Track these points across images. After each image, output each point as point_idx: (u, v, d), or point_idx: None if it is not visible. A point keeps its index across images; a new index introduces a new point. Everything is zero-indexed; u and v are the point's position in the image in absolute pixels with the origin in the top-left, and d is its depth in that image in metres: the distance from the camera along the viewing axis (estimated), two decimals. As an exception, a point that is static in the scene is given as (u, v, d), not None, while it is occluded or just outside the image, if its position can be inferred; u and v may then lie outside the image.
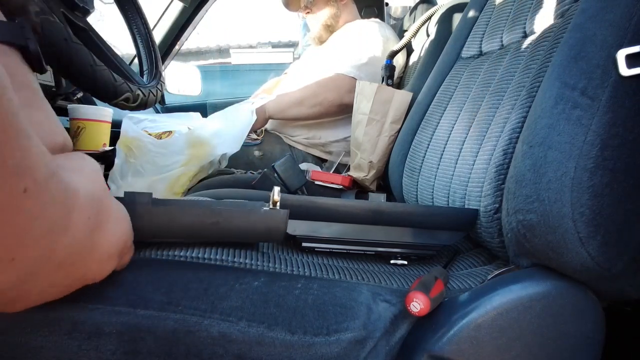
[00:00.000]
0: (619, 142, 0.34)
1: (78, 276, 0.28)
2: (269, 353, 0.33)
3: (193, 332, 0.33)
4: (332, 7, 1.42)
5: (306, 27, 2.48)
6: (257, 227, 0.36)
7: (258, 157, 1.32)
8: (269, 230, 0.37)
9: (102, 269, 0.31)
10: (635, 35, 0.35)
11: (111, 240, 0.30)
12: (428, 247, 0.51)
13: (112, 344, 0.31)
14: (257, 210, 0.36)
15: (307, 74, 1.39)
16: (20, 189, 0.19)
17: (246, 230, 0.36)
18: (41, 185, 0.20)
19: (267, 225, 0.37)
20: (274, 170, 0.90)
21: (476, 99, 0.65)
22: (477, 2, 0.79)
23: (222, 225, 0.35)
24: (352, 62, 1.26)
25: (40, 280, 0.24)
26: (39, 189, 0.20)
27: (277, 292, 0.36)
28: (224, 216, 0.35)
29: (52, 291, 0.27)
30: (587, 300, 0.37)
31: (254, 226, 0.36)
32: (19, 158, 0.19)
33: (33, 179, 0.19)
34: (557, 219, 0.36)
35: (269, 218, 0.36)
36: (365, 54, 1.28)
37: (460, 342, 0.36)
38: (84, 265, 0.28)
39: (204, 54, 6.46)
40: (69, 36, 0.51)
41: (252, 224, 0.36)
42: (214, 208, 0.35)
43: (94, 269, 0.30)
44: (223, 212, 0.35)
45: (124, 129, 1.05)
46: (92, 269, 0.29)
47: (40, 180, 0.20)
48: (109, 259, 0.31)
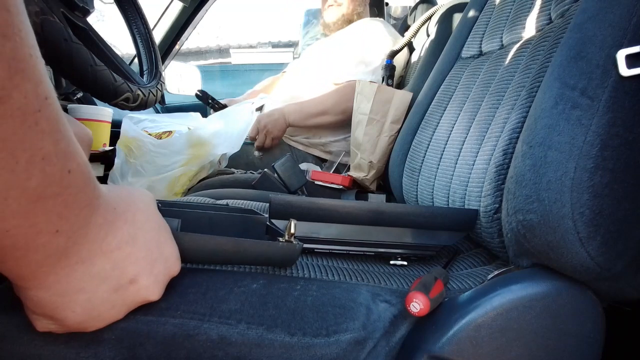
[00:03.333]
0: (619, 142, 0.34)
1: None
2: (269, 355, 0.33)
3: (192, 336, 0.32)
4: (360, 5, 1.43)
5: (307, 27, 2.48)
6: (272, 257, 0.39)
7: (258, 157, 1.32)
8: (282, 261, 0.40)
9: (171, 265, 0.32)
10: (635, 35, 0.35)
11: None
12: (428, 247, 0.51)
13: (111, 351, 0.31)
14: (275, 244, 0.39)
15: (311, 71, 1.39)
16: (66, 170, 0.22)
17: (262, 259, 0.39)
18: (82, 168, 0.24)
19: (282, 255, 0.39)
20: (274, 170, 0.90)
21: (476, 99, 0.65)
22: (477, 2, 0.79)
23: (241, 255, 0.38)
24: (365, 66, 1.26)
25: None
26: (80, 170, 0.24)
27: (276, 294, 0.36)
28: (245, 247, 0.37)
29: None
30: (587, 300, 0.37)
31: (271, 257, 0.39)
32: (65, 144, 0.22)
33: (77, 162, 0.23)
34: (557, 219, 0.36)
35: (284, 250, 0.39)
36: (377, 56, 1.28)
37: (460, 343, 0.36)
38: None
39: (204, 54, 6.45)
40: (68, 36, 0.51)
41: (269, 255, 0.39)
42: (238, 241, 0.37)
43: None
44: (245, 244, 0.37)
45: (124, 129, 1.05)
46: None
47: (81, 164, 0.24)
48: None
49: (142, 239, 0.29)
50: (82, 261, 0.26)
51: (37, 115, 0.20)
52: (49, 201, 0.22)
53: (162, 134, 1.12)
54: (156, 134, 1.12)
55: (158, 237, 0.31)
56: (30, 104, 0.20)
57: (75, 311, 0.27)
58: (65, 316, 0.27)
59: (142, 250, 0.29)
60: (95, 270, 0.26)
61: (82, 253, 0.26)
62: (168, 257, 0.32)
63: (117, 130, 1.06)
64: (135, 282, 0.29)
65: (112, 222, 0.27)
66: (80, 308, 0.27)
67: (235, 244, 0.37)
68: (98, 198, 0.26)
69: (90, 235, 0.26)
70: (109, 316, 0.29)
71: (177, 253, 0.33)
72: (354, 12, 1.44)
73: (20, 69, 0.19)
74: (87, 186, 0.25)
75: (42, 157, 0.21)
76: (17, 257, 0.23)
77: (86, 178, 0.24)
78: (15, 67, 0.19)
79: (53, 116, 0.21)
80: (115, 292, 0.28)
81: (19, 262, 0.23)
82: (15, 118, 0.19)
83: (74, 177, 0.23)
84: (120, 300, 0.29)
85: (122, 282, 0.28)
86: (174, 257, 0.33)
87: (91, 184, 0.25)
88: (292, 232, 0.39)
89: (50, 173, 0.22)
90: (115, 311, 0.29)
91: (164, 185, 1.03)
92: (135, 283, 0.29)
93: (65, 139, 0.22)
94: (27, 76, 0.19)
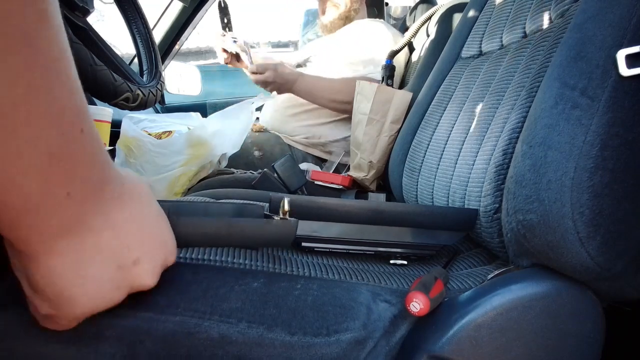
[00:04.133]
0: (619, 142, 0.34)
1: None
2: (269, 354, 0.33)
3: (193, 334, 0.32)
4: (356, 1, 1.43)
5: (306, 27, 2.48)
6: (269, 236, 0.39)
7: (258, 157, 1.32)
8: (279, 238, 0.39)
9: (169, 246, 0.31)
10: (635, 35, 0.35)
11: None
12: (428, 247, 0.51)
13: (112, 348, 0.31)
14: (270, 221, 0.38)
15: (311, 71, 1.38)
16: (79, 129, 0.22)
17: (258, 239, 0.39)
18: (93, 130, 0.24)
19: (279, 234, 0.39)
20: (274, 170, 0.90)
21: (476, 99, 0.65)
22: (477, 2, 0.79)
23: (236, 236, 0.37)
24: (374, 66, 1.26)
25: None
26: (92, 133, 0.24)
27: (277, 293, 0.36)
28: (240, 227, 0.37)
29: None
30: (587, 300, 0.37)
31: (267, 236, 0.38)
32: (79, 100, 0.22)
33: (89, 124, 0.23)
34: (557, 219, 0.36)
35: (280, 228, 0.38)
36: (384, 56, 1.28)
37: (460, 342, 0.36)
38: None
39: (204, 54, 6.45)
40: (68, 36, 0.51)
41: (265, 234, 0.38)
42: (232, 221, 0.37)
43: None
44: (240, 224, 0.37)
45: (123, 129, 1.05)
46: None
47: (93, 126, 0.24)
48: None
49: (147, 221, 0.29)
50: (92, 231, 0.25)
51: (57, 64, 0.20)
52: (62, 161, 0.22)
53: (161, 134, 1.12)
54: (156, 133, 1.12)
55: (159, 222, 0.31)
56: (52, 50, 0.19)
57: (85, 287, 0.26)
58: (74, 294, 0.25)
59: (146, 232, 0.29)
60: (104, 243, 0.26)
61: (93, 223, 0.25)
62: (167, 244, 0.31)
63: (117, 130, 1.05)
64: (138, 263, 0.28)
65: (120, 196, 0.27)
66: (90, 284, 0.26)
67: (229, 224, 0.37)
68: (109, 169, 0.26)
69: (99, 206, 0.25)
70: (111, 297, 0.28)
71: (174, 243, 0.32)
72: (351, 9, 1.44)
73: (43, 11, 0.19)
74: (99, 152, 0.24)
75: (58, 111, 0.21)
76: (28, 220, 0.22)
77: (97, 143, 0.24)
78: (39, 9, 0.18)
79: (70, 68, 0.21)
80: (119, 270, 0.27)
81: (30, 225, 0.23)
82: (39, 64, 0.19)
83: (86, 138, 0.23)
84: (122, 280, 0.28)
85: (127, 261, 0.27)
86: (172, 246, 0.32)
87: (103, 152, 0.25)
88: (286, 210, 0.39)
89: (66, 130, 0.21)
90: (119, 292, 0.28)
91: (163, 185, 1.03)
92: (137, 264, 0.28)
93: (78, 93, 0.22)
94: (49, 22, 0.19)
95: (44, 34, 0.19)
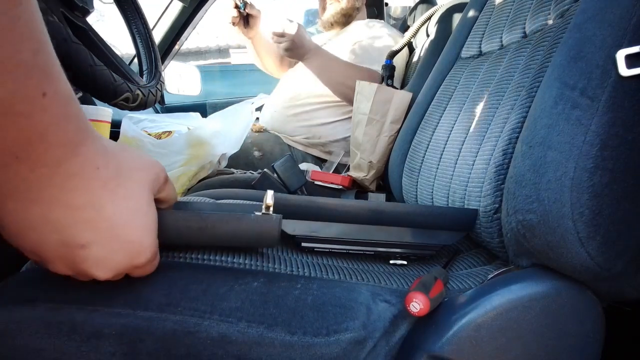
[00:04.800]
0: (619, 142, 0.34)
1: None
2: (269, 354, 0.33)
3: (192, 333, 0.32)
4: (357, 0, 1.42)
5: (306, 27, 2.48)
6: (248, 233, 0.35)
7: (258, 157, 1.32)
8: (260, 236, 0.35)
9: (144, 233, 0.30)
10: (635, 35, 0.35)
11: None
12: (428, 247, 0.51)
13: (112, 346, 0.31)
14: (247, 216, 0.34)
15: None
16: (41, 91, 0.21)
17: (236, 236, 0.35)
18: (61, 99, 0.23)
19: (259, 231, 0.35)
20: (274, 170, 0.90)
21: (476, 99, 0.65)
22: (477, 2, 0.79)
23: (209, 231, 0.34)
24: (379, 64, 1.26)
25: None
26: (59, 101, 0.22)
27: (277, 293, 0.36)
28: (211, 221, 0.34)
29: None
30: (586, 300, 0.37)
31: (245, 232, 0.35)
32: (44, 61, 0.21)
33: (54, 89, 0.22)
34: (556, 219, 0.36)
35: (260, 224, 0.35)
36: (382, 54, 1.28)
37: (460, 342, 0.36)
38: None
39: (203, 54, 6.45)
40: (68, 36, 0.51)
41: (242, 230, 0.34)
42: (201, 214, 0.33)
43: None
44: (210, 218, 0.33)
45: (123, 129, 1.05)
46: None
47: (61, 94, 0.23)
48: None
49: (111, 212, 0.27)
50: (41, 202, 0.25)
51: (18, 10, 0.19)
52: (14, 119, 0.21)
53: (161, 134, 1.12)
54: (156, 134, 1.12)
55: (131, 218, 0.29)
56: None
57: (25, 244, 0.27)
58: (17, 243, 0.27)
59: (105, 221, 0.27)
60: (51, 217, 0.26)
61: (44, 194, 0.25)
62: (133, 241, 0.29)
63: (117, 130, 1.05)
64: (85, 248, 0.27)
65: (87, 179, 0.26)
66: (29, 245, 0.27)
67: (200, 219, 0.33)
68: (79, 146, 0.25)
69: (54, 180, 0.25)
70: (53, 266, 0.28)
71: (149, 245, 0.31)
72: (353, 7, 1.43)
73: None
74: (65, 123, 0.23)
75: (16, 64, 0.20)
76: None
77: (66, 114, 0.23)
78: None
79: (35, 23, 0.20)
80: (64, 246, 0.27)
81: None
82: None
83: (48, 103, 0.22)
84: (67, 256, 0.28)
85: (73, 242, 0.27)
86: (142, 246, 0.30)
87: (72, 125, 0.24)
88: (269, 204, 0.35)
89: (23, 86, 0.20)
90: (61, 265, 0.28)
91: (163, 185, 1.02)
92: (84, 249, 0.27)
93: (46, 54, 0.21)
94: None
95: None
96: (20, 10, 0.20)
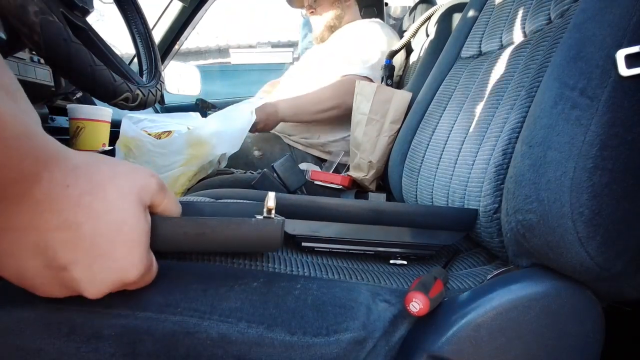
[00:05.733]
0: (618, 142, 0.34)
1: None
2: (269, 354, 0.33)
3: (192, 333, 0.32)
4: (337, 8, 1.43)
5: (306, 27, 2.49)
6: (249, 238, 0.33)
7: (258, 157, 1.32)
8: (262, 241, 0.34)
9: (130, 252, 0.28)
10: (635, 35, 0.35)
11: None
12: (428, 247, 0.51)
13: (111, 347, 0.31)
14: (247, 221, 0.32)
15: (309, 74, 1.39)
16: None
17: (237, 242, 0.33)
18: (10, 142, 0.22)
19: (261, 235, 0.33)
20: (274, 170, 0.90)
21: (475, 99, 0.65)
22: (477, 2, 0.79)
23: (209, 236, 0.32)
24: (363, 63, 1.26)
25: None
26: (7, 145, 0.22)
27: (277, 293, 0.36)
28: (210, 227, 0.32)
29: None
30: (586, 300, 0.37)
31: (246, 238, 0.33)
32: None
33: (4, 136, 0.21)
34: (556, 219, 0.36)
35: (262, 228, 0.33)
36: (374, 53, 1.28)
37: (459, 342, 0.36)
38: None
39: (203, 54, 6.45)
40: (68, 36, 0.51)
41: (243, 235, 0.33)
42: (198, 219, 0.32)
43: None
44: (209, 223, 0.32)
45: (123, 129, 1.05)
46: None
47: (11, 137, 0.22)
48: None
49: (90, 229, 0.26)
50: (14, 229, 0.25)
51: None
52: None
53: (161, 134, 1.12)
54: (155, 133, 1.12)
55: (115, 234, 0.27)
56: None
57: (8, 272, 0.26)
58: (3, 274, 0.26)
59: (84, 240, 0.26)
60: (28, 242, 0.25)
61: (14, 222, 0.24)
62: (119, 259, 0.28)
63: (117, 130, 1.05)
64: (67, 270, 0.26)
65: (56, 200, 0.25)
66: (10, 272, 0.26)
67: (197, 224, 0.31)
68: (43, 172, 0.24)
69: (23, 207, 0.24)
70: (43, 290, 0.27)
71: (138, 262, 0.29)
72: (336, 18, 1.43)
73: None
74: (20, 161, 0.22)
75: None
76: None
77: (19, 153, 0.22)
78: None
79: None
80: (47, 269, 0.26)
81: None
82: None
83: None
84: (53, 279, 0.27)
85: (54, 264, 0.26)
86: (130, 263, 0.28)
87: (28, 159, 0.23)
88: (271, 206, 0.34)
89: None
90: (50, 287, 0.27)
91: (163, 185, 1.02)
92: (67, 271, 0.26)
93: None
94: None
95: None
96: None
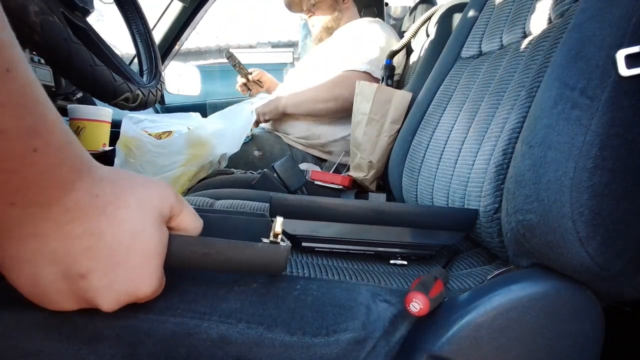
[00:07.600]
0: (618, 142, 0.34)
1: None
2: (268, 354, 0.33)
3: (192, 334, 0.32)
4: (335, 10, 1.43)
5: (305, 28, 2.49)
6: (253, 262, 0.33)
7: (258, 157, 1.32)
8: (266, 266, 0.34)
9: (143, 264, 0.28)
10: (635, 35, 0.35)
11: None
12: (428, 247, 0.51)
13: (112, 348, 0.31)
14: (254, 245, 0.33)
15: (308, 75, 1.39)
16: (31, 148, 0.22)
17: (241, 264, 0.34)
18: (53, 149, 0.23)
19: (265, 261, 0.34)
20: (274, 170, 0.90)
21: (476, 99, 0.65)
22: (477, 2, 0.79)
23: (213, 257, 0.32)
24: (362, 58, 1.27)
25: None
26: (51, 151, 0.23)
27: (276, 293, 0.36)
28: (216, 249, 0.32)
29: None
30: (586, 300, 0.37)
31: (250, 262, 0.33)
32: (32, 121, 0.22)
33: (46, 142, 0.22)
34: (556, 219, 0.36)
35: (267, 253, 0.33)
36: (373, 49, 1.28)
37: (460, 342, 0.36)
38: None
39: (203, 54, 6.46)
40: (68, 36, 0.51)
41: (248, 259, 0.33)
42: (206, 240, 0.32)
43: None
44: (217, 245, 0.32)
45: (123, 129, 1.05)
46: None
47: (54, 144, 0.23)
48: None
49: (111, 237, 0.27)
50: (37, 236, 0.25)
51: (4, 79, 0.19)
52: (4, 175, 0.21)
53: (161, 134, 1.12)
54: (156, 134, 1.12)
55: (132, 242, 0.27)
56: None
57: (20, 280, 0.27)
58: (14, 281, 0.27)
59: (106, 248, 0.27)
60: (48, 250, 0.25)
61: (39, 229, 0.25)
62: (135, 269, 0.28)
63: (117, 130, 1.05)
64: (85, 278, 0.27)
65: (85, 209, 0.26)
66: (24, 280, 0.26)
67: (203, 244, 0.32)
68: (76, 182, 0.25)
69: (52, 215, 0.25)
70: (55, 300, 0.28)
71: (152, 274, 0.29)
72: (333, 20, 1.45)
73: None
74: (59, 167, 0.24)
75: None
76: None
77: (60, 159, 0.24)
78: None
79: (16, 90, 0.21)
80: (64, 278, 0.26)
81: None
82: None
83: (40, 157, 0.22)
84: (68, 289, 0.27)
85: (72, 272, 0.26)
86: (146, 273, 0.29)
87: (66, 166, 0.24)
88: (278, 232, 0.34)
89: (8, 148, 0.21)
90: (62, 298, 0.28)
91: (163, 185, 1.02)
92: (84, 279, 0.27)
93: (33, 116, 0.22)
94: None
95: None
96: (9, 78, 0.20)
